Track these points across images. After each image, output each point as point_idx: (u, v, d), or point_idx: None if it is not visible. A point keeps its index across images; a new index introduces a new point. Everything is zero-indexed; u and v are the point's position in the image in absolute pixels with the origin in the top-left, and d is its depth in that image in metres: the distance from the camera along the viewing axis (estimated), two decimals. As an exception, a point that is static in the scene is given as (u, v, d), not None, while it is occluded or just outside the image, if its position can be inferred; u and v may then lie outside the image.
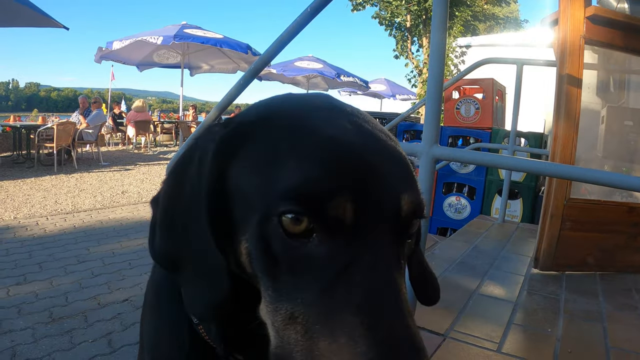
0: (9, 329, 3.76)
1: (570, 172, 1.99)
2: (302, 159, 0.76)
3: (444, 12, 2.09)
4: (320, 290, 0.71)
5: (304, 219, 0.72)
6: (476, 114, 6.56)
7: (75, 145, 13.15)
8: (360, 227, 0.73)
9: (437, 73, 2.12)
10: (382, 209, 0.75)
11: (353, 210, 0.73)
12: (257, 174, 0.78)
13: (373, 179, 0.76)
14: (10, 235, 6.43)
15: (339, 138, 0.79)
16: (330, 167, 0.75)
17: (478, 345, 2.30)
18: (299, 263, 0.73)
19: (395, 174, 0.80)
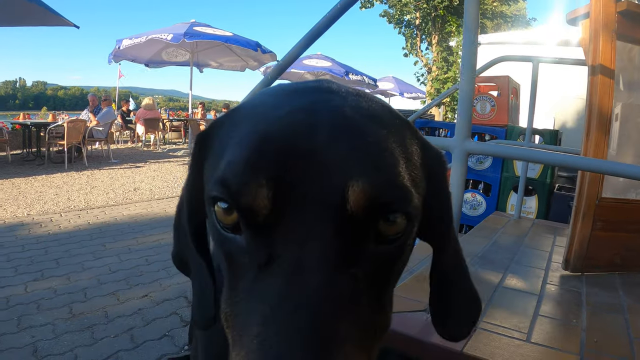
0: (29, 324, 3.77)
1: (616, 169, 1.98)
2: (234, 145, 0.71)
3: (475, 11, 2.09)
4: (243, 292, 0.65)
5: (230, 208, 0.67)
6: (492, 111, 6.54)
7: (86, 142, 13.17)
8: (281, 219, 0.63)
9: (469, 70, 2.12)
10: (313, 197, 0.63)
11: (269, 198, 0.63)
12: (212, 168, 0.76)
13: (305, 163, 0.65)
14: (25, 231, 6.44)
15: (278, 121, 0.70)
16: (251, 150, 0.67)
17: (508, 336, 2.30)
18: (232, 260, 0.69)
19: (347, 157, 0.65)
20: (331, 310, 0.58)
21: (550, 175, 6.10)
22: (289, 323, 0.56)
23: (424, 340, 2.14)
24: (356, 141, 0.68)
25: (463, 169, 2.17)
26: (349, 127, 0.69)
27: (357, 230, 0.64)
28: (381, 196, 0.64)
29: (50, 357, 3.33)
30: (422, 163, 0.77)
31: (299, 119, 0.70)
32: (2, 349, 3.40)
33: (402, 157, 0.70)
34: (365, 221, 0.64)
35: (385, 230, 0.66)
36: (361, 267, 0.64)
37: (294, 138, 0.67)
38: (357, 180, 0.63)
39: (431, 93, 18.62)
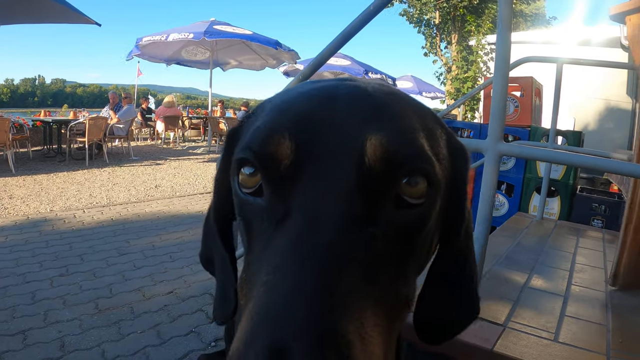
0: (56, 319, 3.81)
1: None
2: (259, 120, 0.74)
3: (509, 12, 2.09)
4: (258, 252, 0.66)
5: (253, 171, 0.69)
6: (515, 112, 6.52)
7: (106, 139, 13.25)
8: (300, 173, 0.65)
9: (503, 72, 2.13)
10: (332, 152, 0.65)
11: (290, 149, 0.65)
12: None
13: (324, 123, 0.68)
14: (49, 227, 6.50)
15: (300, 95, 0.75)
16: (274, 117, 0.72)
17: (536, 335, 2.31)
18: (252, 224, 0.70)
19: (365, 118, 0.68)
20: (343, 262, 0.58)
21: (573, 176, 6.09)
22: (297, 271, 0.56)
23: (455, 338, 2.16)
24: (375, 107, 0.70)
25: (495, 170, 2.18)
26: (369, 97, 0.72)
27: (377, 187, 0.64)
28: (399, 151, 0.65)
29: (77, 352, 3.36)
30: (447, 150, 0.78)
31: (320, 92, 0.74)
32: (29, 343, 3.44)
33: (422, 130, 0.71)
34: (385, 178, 0.64)
35: (406, 192, 0.66)
36: (380, 227, 0.63)
37: (315, 105, 0.71)
38: (375, 135, 0.65)
39: (451, 92, 18.52)
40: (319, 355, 0.47)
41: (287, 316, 0.51)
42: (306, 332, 0.49)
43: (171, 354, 3.38)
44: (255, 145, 0.68)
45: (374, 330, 0.56)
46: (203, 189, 9.80)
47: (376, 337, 0.56)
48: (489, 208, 2.23)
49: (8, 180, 9.61)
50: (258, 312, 0.54)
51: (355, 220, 0.61)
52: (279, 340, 0.48)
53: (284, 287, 0.55)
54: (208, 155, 15.66)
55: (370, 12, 2.35)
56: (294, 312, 0.51)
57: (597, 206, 6.02)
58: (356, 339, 0.52)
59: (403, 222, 0.66)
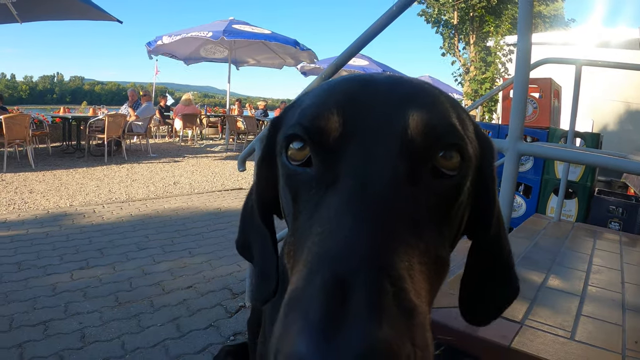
0: (76, 311, 3.86)
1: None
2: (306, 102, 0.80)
3: (529, 16, 2.12)
4: (307, 215, 0.71)
5: (302, 146, 0.74)
6: (534, 113, 6.50)
7: (125, 136, 13.32)
8: (348, 143, 0.70)
9: (523, 74, 2.15)
10: (377, 125, 0.72)
11: (339, 122, 0.72)
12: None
13: (370, 101, 0.75)
14: (69, 221, 6.57)
15: (344, 80, 0.82)
16: (322, 97, 0.78)
17: (552, 333, 2.32)
18: (299, 193, 0.75)
19: (406, 98, 0.75)
20: (392, 216, 0.63)
21: (590, 178, 6.07)
22: (352, 221, 0.61)
23: (471, 334, 2.18)
24: (414, 90, 0.78)
25: (515, 170, 2.21)
26: (406, 82, 0.81)
27: (417, 157, 0.70)
28: (437, 126, 0.72)
29: (97, 343, 3.41)
30: (475, 138, 0.84)
31: (362, 77, 0.82)
32: (50, 334, 3.49)
33: (454, 116, 0.77)
34: (424, 150, 0.71)
35: (442, 165, 0.72)
36: (421, 191, 0.69)
37: (358, 86, 0.79)
38: (417, 112, 0.72)
39: (468, 94, 18.40)
40: (378, 284, 0.52)
41: (346, 255, 0.56)
42: (364, 266, 0.54)
43: (190, 346, 3.41)
44: (306, 122, 0.73)
45: (421, 275, 0.61)
46: (221, 187, 9.83)
47: (422, 281, 0.61)
48: (509, 207, 2.25)
49: (28, 175, 9.72)
50: (315, 255, 0.59)
51: (399, 182, 0.67)
52: (339, 273, 0.53)
53: (340, 233, 0.60)
54: (226, 153, 15.68)
55: (393, 12, 2.39)
56: (352, 250, 0.57)
57: (614, 209, 6.00)
58: (406, 275, 0.57)
59: (439, 189, 0.72)
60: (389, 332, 0.47)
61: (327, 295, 0.51)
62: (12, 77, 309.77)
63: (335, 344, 0.46)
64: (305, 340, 0.47)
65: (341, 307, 0.49)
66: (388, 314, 0.49)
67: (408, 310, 0.52)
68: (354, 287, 0.51)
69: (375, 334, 0.47)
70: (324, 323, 0.48)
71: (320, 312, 0.49)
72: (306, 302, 0.52)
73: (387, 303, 0.51)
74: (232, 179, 10.74)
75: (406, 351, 0.48)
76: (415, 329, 0.51)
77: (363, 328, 0.47)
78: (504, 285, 0.96)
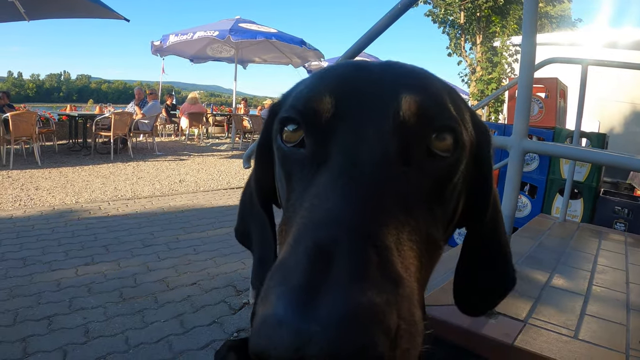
0: (81, 306, 3.88)
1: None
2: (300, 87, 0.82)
3: (534, 16, 2.11)
4: (299, 192, 0.71)
5: (297, 128, 0.74)
6: (539, 113, 6.47)
7: (131, 134, 13.34)
8: (341, 123, 0.70)
9: (528, 71, 2.15)
10: (370, 106, 0.72)
11: (331, 104, 0.72)
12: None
13: (363, 84, 0.75)
14: (75, 218, 6.60)
15: (338, 66, 0.82)
16: (316, 82, 0.78)
17: (556, 332, 2.32)
18: (293, 173, 0.75)
19: (400, 81, 0.75)
20: (381, 192, 0.62)
21: (596, 179, 6.05)
22: (339, 194, 0.60)
23: (475, 332, 2.18)
24: (408, 74, 0.78)
25: (519, 167, 2.20)
26: (401, 67, 0.81)
27: (409, 137, 0.69)
28: (430, 109, 0.72)
29: (101, 338, 3.42)
30: (471, 125, 0.84)
31: (357, 63, 0.81)
32: (54, 328, 3.51)
33: (448, 99, 0.77)
34: (417, 131, 0.70)
35: (435, 146, 0.71)
36: (412, 170, 0.68)
37: (353, 70, 0.78)
38: (410, 94, 0.72)
39: (474, 94, 18.36)
40: (362, 252, 0.51)
41: (331, 223, 0.55)
42: (349, 234, 0.53)
43: (194, 342, 3.42)
44: (299, 104, 0.74)
45: (411, 251, 0.60)
46: (227, 185, 9.85)
47: (412, 258, 0.60)
48: (513, 205, 2.25)
49: (34, 172, 9.75)
50: (301, 226, 0.59)
51: (391, 160, 0.67)
52: (323, 241, 0.53)
53: (327, 205, 0.59)
54: (231, 152, 15.72)
55: (397, 10, 2.38)
56: (337, 220, 0.56)
57: (620, 209, 5.98)
58: (393, 247, 0.56)
59: (431, 170, 0.71)
60: (374, 297, 0.46)
61: (308, 262, 0.50)
62: (20, 75, 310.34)
63: (314, 308, 0.45)
64: (284, 303, 0.46)
65: (323, 273, 0.48)
66: (372, 281, 0.48)
67: (394, 280, 0.51)
68: (338, 254, 0.50)
69: (358, 299, 0.46)
70: (303, 287, 0.47)
71: (300, 277, 0.48)
72: (288, 268, 0.51)
73: (371, 271, 0.50)
74: (238, 177, 10.75)
75: (392, 320, 0.47)
76: (401, 300, 0.50)
77: (345, 293, 0.46)
78: (500, 275, 0.95)
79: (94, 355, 3.20)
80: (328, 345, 0.43)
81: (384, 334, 0.45)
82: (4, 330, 3.43)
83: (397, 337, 0.47)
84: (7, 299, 3.94)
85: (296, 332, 0.44)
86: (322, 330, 0.43)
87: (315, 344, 0.43)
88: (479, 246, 0.93)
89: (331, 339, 0.43)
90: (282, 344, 0.44)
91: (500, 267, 0.95)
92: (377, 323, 0.45)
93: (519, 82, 2.19)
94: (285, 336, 0.44)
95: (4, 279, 4.35)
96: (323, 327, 0.43)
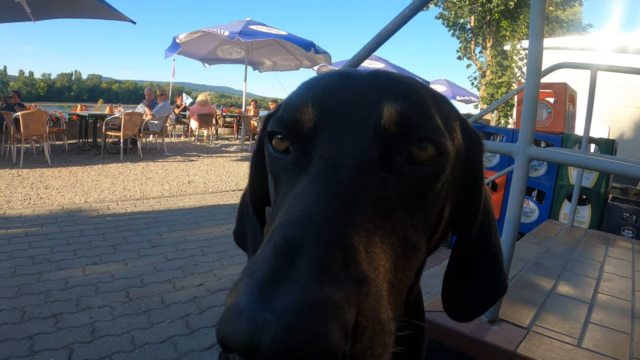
0: (88, 305, 3.90)
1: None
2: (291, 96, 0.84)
3: (541, 20, 2.11)
4: (282, 196, 0.73)
5: (283, 137, 0.77)
6: (548, 118, 6.45)
7: (141, 135, 13.38)
8: (322, 131, 0.73)
9: (534, 77, 2.15)
10: (351, 114, 0.73)
11: (313, 114, 0.75)
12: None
13: (346, 93, 0.77)
14: (83, 217, 6.62)
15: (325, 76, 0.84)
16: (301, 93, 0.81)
17: (559, 340, 2.31)
18: (280, 177, 0.78)
19: (382, 90, 0.77)
20: (357, 195, 0.64)
21: (605, 185, 6.03)
22: (314, 196, 0.63)
23: (478, 339, 2.18)
24: (393, 83, 0.80)
25: (525, 174, 2.20)
26: (388, 76, 0.82)
27: (389, 145, 0.71)
28: (412, 118, 0.73)
29: (107, 337, 3.44)
30: (462, 134, 0.85)
31: (345, 72, 0.84)
32: (61, 327, 3.53)
33: (436, 110, 0.78)
34: (397, 139, 0.72)
35: (416, 154, 0.73)
36: (391, 176, 0.70)
37: (338, 80, 0.81)
38: (392, 103, 0.74)
39: (484, 97, 18.35)
40: (327, 249, 0.54)
41: (300, 223, 0.59)
42: (315, 233, 0.56)
43: (199, 343, 3.44)
44: (285, 116, 0.77)
45: (382, 252, 0.62)
46: (235, 186, 9.86)
47: (383, 260, 0.62)
48: (518, 211, 2.24)
49: (44, 171, 9.79)
50: (276, 224, 0.61)
51: (370, 166, 0.69)
52: (290, 238, 0.55)
53: (301, 206, 0.62)
54: (241, 154, 15.73)
55: (406, 15, 2.38)
56: (306, 220, 0.58)
57: (628, 216, 5.95)
58: (361, 248, 0.58)
59: (411, 176, 0.72)
60: (330, 292, 0.48)
61: (274, 257, 0.53)
62: (31, 75, 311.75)
63: (272, 299, 0.47)
64: (246, 293, 0.49)
65: (286, 268, 0.51)
66: (333, 277, 0.50)
67: (357, 279, 0.53)
68: (303, 251, 0.53)
69: (315, 292, 0.48)
70: (265, 279, 0.50)
71: (264, 270, 0.51)
72: (255, 263, 0.53)
73: (333, 268, 0.52)
74: (247, 179, 10.64)
75: (348, 316, 0.48)
76: (363, 298, 0.51)
77: (304, 286, 0.48)
78: (489, 280, 0.96)
79: (100, 354, 3.22)
80: (281, 333, 0.45)
81: (338, 328, 0.47)
82: (11, 328, 3.46)
83: (356, 332, 0.49)
84: (15, 296, 3.96)
85: (252, 318, 0.46)
86: (276, 318, 0.45)
87: (268, 331, 0.45)
88: (467, 250, 0.94)
89: (284, 327, 0.45)
90: (239, 330, 0.46)
91: (489, 272, 0.96)
92: (331, 317, 0.47)
93: (525, 88, 2.19)
94: (243, 323, 0.46)
95: (12, 276, 4.38)
96: (277, 315, 0.46)
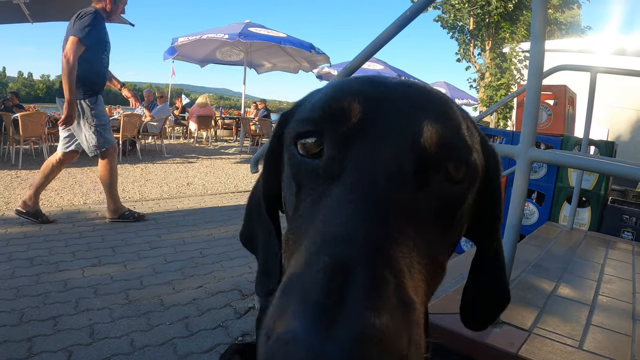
0: (87, 307, 3.88)
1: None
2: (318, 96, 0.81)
3: (542, 22, 2.11)
4: (309, 205, 0.71)
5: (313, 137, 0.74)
6: (548, 120, 6.45)
7: (140, 136, 13.38)
8: (362, 132, 0.71)
9: (536, 79, 2.14)
10: (391, 123, 0.72)
11: (359, 107, 0.73)
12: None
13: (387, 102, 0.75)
14: (82, 219, 6.62)
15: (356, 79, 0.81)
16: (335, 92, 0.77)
17: (561, 342, 2.31)
18: (304, 183, 0.74)
19: (423, 106, 0.75)
20: (394, 210, 0.62)
21: (604, 187, 6.02)
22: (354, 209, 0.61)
23: (479, 341, 2.17)
24: (428, 98, 0.78)
25: (526, 176, 2.20)
26: (419, 89, 0.80)
27: (426, 163, 0.70)
28: (451, 141, 0.72)
29: (107, 339, 3.42)
30: (481, 150, 0.84)
31: (374, 77, 0.82)
32: (60, 329, 3.51)
33: (465, 127, 0.77)
34: (434, 159, 0.70)
35: (450, 174, 0.72)
36: (424, 194, 0.69)
37: (372, 85, 0.78)
38: (432, 122, 0.72)
39: (483, 100, 18.32)
40: (379, 272, 0.52)
41: (347, 240, 0.55)
42: (366, 252, 0.54)
43: (198, 346, 3.42)
44: (321, 110, 0.74)
45: (419, 272, 0.61)
46: (234, 188, 9.85)
47: (420, 280, 0.60)
48: (519, 214, 2.24)
49: (43, 173, 9.73)
50: (316, 241, 0.58)
51: (406, 182, 0.67)
52: (340, 258, 0.53)
53: (343, 220, 0.59)
54: (240, 155, 15.74)
55: (407, 17, 2.38)
56: (353, 237, 0.56)
57: (628, 218, 5.94)
58: (406, 270, 0.56)
59: (444, 194, 0.71)
60: (388, 322, 0.47)
61: (326, 279, 0.50)
62: (30, 76, 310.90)
63: (330, 328, 0.45)
64: (301, 321, 0.46)
65: (340, 291, 0.48)
66: (388, 304, 0.49)
67: (407, 305, 0.51)
68: (355, 272, 0.51)
69: (373, 323, 0.46)
70: (321, 305, 0.47)
71: (318, 294, 0.48)
72: (304, 284, 0.51)
73: (387, 293, 0.50)
74: (246, 181, 10.75)
75: (402, 345, 0.47)
76: (413, 325, 0.50)
77: (362, 314, 0.46)
78: (500, 292, 0.98)
79: (99, 357, 3.20)
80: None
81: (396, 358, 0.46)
82: (10, 330, 3.44)
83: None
84: (13, 298, 3.95)
85: (312, 349, 0.44)
86: (337, 349, 0.44)
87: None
88: (486, 266, 0.96)
89: (345, 359, 0.43)
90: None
91: (500, 284, 0.98)
92: (390, 348, 0.46)
93: (527, 90, 2.19)
94: (301, 354, 0.44)
95: (11, 278, 4.36)
96: (338, 347, 0.44)
